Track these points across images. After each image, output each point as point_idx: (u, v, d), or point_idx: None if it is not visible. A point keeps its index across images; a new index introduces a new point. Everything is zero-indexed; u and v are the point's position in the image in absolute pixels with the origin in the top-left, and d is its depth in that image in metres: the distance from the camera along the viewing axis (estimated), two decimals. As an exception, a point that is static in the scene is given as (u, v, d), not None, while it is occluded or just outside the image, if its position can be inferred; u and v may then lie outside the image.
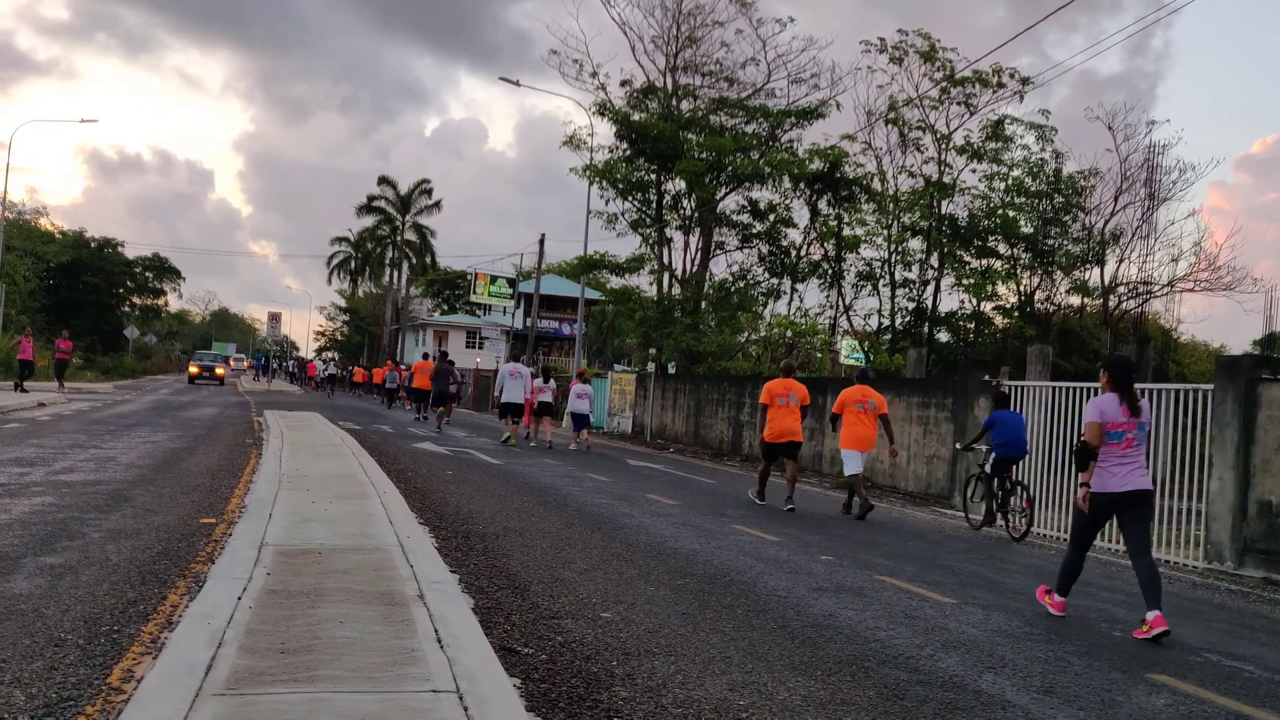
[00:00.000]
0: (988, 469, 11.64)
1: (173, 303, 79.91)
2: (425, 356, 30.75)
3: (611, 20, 39.38)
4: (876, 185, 27.89)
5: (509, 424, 20.19)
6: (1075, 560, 6.70)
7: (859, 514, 11.88)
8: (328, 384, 48.13)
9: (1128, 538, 6.62)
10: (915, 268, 28.12)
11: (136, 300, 66.77)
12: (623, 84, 29.63)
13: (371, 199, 68.33)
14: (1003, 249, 27.68)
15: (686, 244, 29.37)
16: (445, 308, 64.35)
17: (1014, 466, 11.52)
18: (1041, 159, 27.42)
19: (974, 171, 27.46)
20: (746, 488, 13.59)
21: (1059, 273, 28.27)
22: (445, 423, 23.31)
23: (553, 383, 21.32)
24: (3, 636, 4.61)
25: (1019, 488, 11.43)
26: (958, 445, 13.98)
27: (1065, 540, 11.36)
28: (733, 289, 28.47)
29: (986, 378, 13.58)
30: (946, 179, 27.38)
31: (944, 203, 27.37)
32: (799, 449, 12.51)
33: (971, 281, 26.82)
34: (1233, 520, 9.66)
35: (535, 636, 5.23)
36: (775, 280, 29.11)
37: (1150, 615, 6.15)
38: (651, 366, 28.12)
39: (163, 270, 68.64)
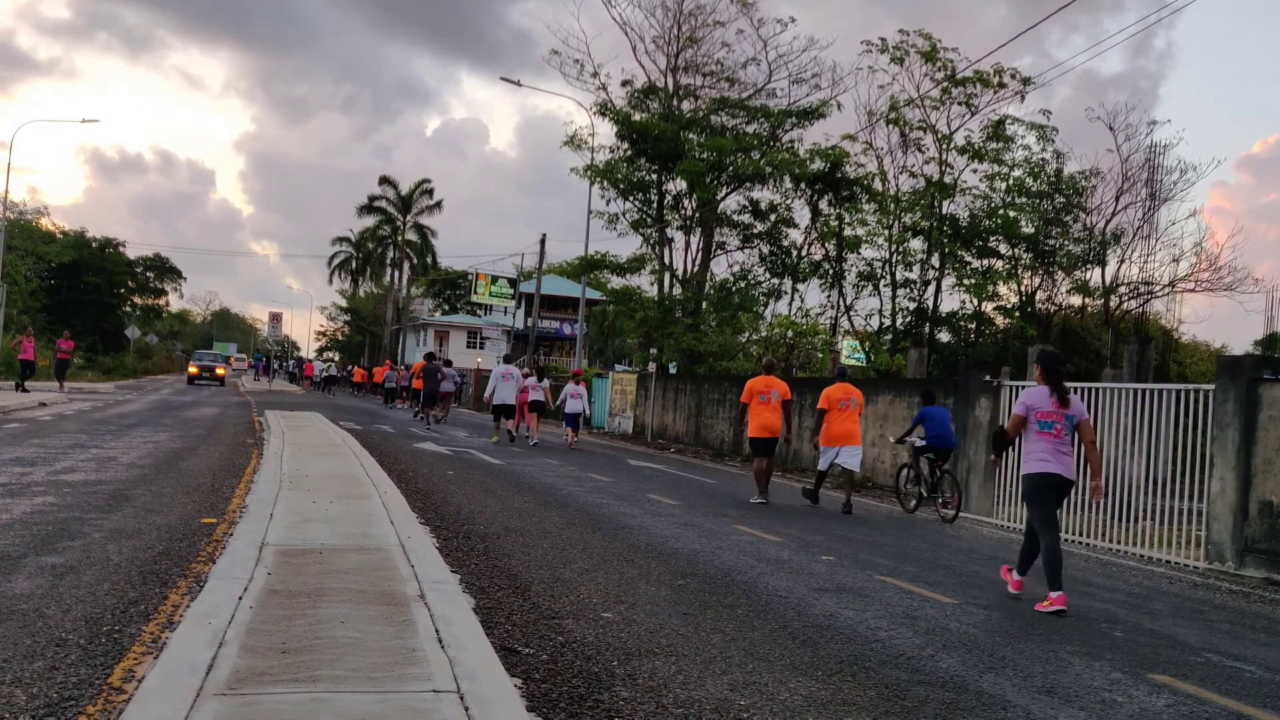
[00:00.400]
0: (913, 451, 12.76)
1: (174, 303, 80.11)
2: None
3: (613, 20, 39.45)
4: (877, 185, 27.88)
5: (500, 426, 20.75)
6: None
7: (804, 492, 12.75)
8: (326, 384, 48.16)
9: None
10: (916, 268, 28.12)
11: (138, 300, 66.85)
12: (624, 84, 29.67)
13: (372, 199, 68.35)
14: (1004, 249, 27.67)
15: (687, 244, 29.42)
16: (446, 308, 64.35)
17: (946, 457, 12.46)
18: (1042, 159, 27.46)
19: (975, 172, 27.52)
20: (747, 488, 13.59)
21: (1060, 273, 28.29)
22: (439, 420, 23.51)
23: (546, 381, 21.65)
24: (4, 636, 4.61)
25: (948, 476, 12.35)
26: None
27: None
28: (734, 289, 28.46)
29: (987, 378, 13.61)
30: (947, 179, 27.37)
31: (945, 203, 27.36)
32: (775, 445, 12.84)
33: (972, 282, 26.81)
34: (1234, 520, 9.66)
35: (536, 636, 5.23)
36: (776, 280, 29.11)
37: (1053, 593, 6.82)
38: (652, 366, 28.11)
39: (164, 270, 68.74)
